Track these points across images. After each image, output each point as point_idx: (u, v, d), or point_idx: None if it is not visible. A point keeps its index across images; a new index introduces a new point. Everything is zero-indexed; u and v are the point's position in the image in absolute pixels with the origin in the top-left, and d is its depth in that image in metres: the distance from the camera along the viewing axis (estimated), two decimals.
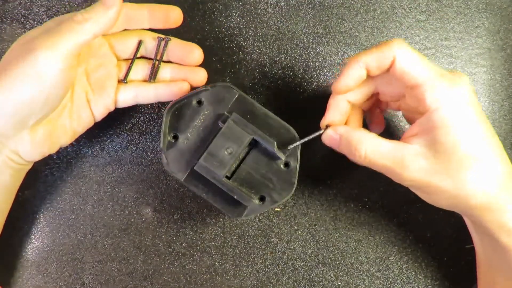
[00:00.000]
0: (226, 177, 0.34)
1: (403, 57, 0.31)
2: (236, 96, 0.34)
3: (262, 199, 0.34)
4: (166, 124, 0.34)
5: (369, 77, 0.33)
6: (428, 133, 0.30)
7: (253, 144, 0.34)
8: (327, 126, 0.34)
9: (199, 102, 0.34)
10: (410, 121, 0.35)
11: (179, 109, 0.34)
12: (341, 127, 0.34)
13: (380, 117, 0.38)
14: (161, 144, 0.34)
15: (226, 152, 0.33)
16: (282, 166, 0.34)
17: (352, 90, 0.34)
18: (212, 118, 0.34)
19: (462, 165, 0.30)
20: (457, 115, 0.30)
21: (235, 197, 0.33)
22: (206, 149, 0.33)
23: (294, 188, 0.34)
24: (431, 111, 0.30)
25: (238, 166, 0.34)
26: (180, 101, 0.34)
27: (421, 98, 0.30)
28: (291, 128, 0.34)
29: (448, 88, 0.30)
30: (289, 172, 0.34)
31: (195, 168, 0.33)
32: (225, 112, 0.34)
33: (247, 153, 0.34)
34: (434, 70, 0.31)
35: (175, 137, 0.34)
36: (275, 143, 0.33)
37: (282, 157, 0.34)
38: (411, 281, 0.41)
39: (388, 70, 0.32)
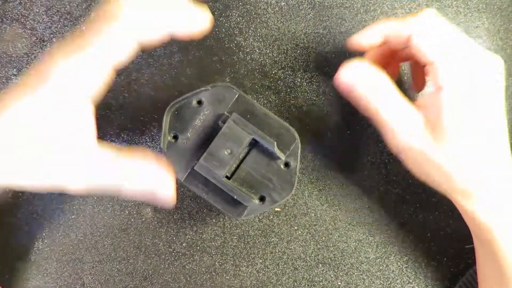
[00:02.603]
0: (226, 177, 0.34)
1: (419, 36, 0.31)
2: (236, 96, 0.34)
3: (262, 199, 0.34)
4: (166, 124, 0.34)
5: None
6: (431, 108, 0.31)
7: (253, 144, 0.34)
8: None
9: (199, 102, 0.34)
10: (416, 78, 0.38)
11: (179, 109, 0.34)
12: (364, 63, 0.32)
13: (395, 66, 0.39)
14: (161, 144, 0.34)
15: (226, 152, 0.33)
16: (282, 166, 0.34)
17: (365, 49, 0.35)
18: (212, 118, 0.34)
19: (455, 145, 0.31)
20: (460, 96, 0.30)
21: (235, 197, 0.33)
22: (206, 149, 0.33)
23: (294, 188, 0.34)
24: (437, 88, 0.31)
25: (238, 166, 0.34)
26: (180, 101, 0.34)
27: (431, 75, 0.32)
28: (291, 128, 0.34)
29: (459, 68, 0.30)
30: (289, 172, 0.34)
31: (195, 168, 0.33)
32: (225, 112, 0.34)
33: (247, 153, 0.34)
34: (453, 49, 0.31)
35: (175, 137, 0.34)
36: (275, 143, 0.33)
37: (282, 157, 0.34)
38: (411, 281, 0.41)
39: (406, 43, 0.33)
